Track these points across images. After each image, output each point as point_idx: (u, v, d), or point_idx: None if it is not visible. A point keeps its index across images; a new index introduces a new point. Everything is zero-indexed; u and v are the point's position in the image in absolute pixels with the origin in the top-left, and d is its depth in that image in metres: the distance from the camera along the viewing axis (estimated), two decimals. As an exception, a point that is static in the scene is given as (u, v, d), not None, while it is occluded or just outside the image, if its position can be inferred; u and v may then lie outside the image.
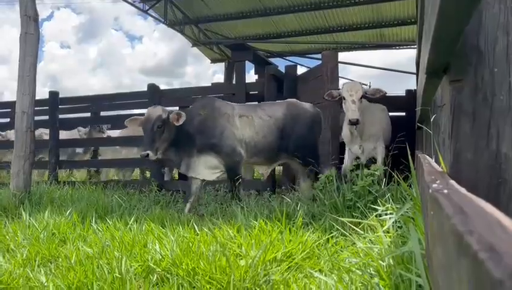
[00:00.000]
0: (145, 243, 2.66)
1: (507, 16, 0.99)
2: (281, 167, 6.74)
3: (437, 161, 1.47)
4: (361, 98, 4.29)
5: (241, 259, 2.22)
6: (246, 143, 4.54)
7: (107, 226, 3.24)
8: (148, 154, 4.01)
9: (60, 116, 7.20)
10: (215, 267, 2.10)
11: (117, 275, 2.10)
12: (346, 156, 4.93)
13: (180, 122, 4.17)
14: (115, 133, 7.87)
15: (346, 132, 4.75)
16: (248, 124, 4.59)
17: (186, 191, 5.73)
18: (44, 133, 7.49)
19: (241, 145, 4.50)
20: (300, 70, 6.95)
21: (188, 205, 4.45)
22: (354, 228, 2.41)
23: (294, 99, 5.09)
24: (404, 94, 7.20)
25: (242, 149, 4.50)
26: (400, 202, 2.75)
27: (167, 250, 2.40)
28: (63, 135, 7.62)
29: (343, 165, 4.91)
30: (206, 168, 4.46)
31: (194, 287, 2.06)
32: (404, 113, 6.91)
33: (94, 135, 7.71)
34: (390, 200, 2.75)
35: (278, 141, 4.65)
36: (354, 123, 4.24)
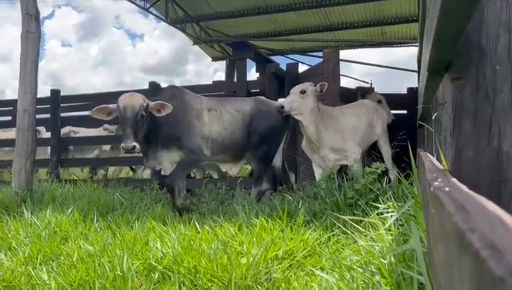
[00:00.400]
0: (146, 241, 2.67)
1: (509, 13, 0.99)
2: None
3: (438, 159, 1.47)
4: (302, 92, 4.21)
5: (243, 257, 2.23)
6: (213, 140, 4.35)
7: (109, 224, 3.25)
8: (134, 147, 3.70)
9: (61, 114, 7.22)
10: (217, 265, 2.11)
11: (119, 273, 2.11)
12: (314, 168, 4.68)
13: (163, 114, 3.91)
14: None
15: (303, 140, 4.52)
16: (217, 119, 4.39)
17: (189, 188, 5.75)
18: (72, 131, 7.50)
19: (206, 144, 4.31)
20: (302, 68, 6.95)
21: (180, 200, 4.38)
22: (356, 226, 2.41)
23: (262, 97, 4.97)
24: (405, 92, 7.20)
25: (207, 148, 4.32)
26: (402, 200, 2.75)
27: (168, 248, 2.40)
28: (91, 132, 7.61)
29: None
30: (168, 162, 4.24)
31: (196, 285, 2.06)
32: (405, 111, 6.92)
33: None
34: (392, 198, 2.75)
35: (244, 138, 4.49)
36: (278, 110, 4.19)
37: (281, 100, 6.15)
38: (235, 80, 8.02)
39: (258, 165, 4.60)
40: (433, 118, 1.80)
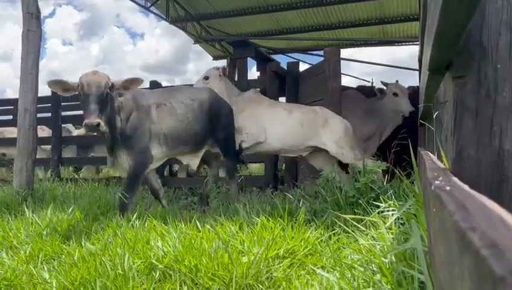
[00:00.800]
0: (147, 239, 2.67)
1: (510, 11, 0.99)
2: (283, 164, 6.74)
3: (439, 158, 1.47)
4: (205, 78, 4.91)
5: (244, 256, 2.23)
6: (166, 134, 4.02)
7: (110, 223, 3.25)
8: (99, 124, 3.27)
9: (62, 113, 7.24)
10: (218, 263, 2.11)
11: (120, 271, 2.11)
12: None
13: (131, 90, 3.59)
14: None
15: None
16: (168, 113, 4.07)
17: (186, 187, 5.75)
18: None
19: (159, 140, 3.98)
20: (303, 67, 6.93)
21: (164, 201, 4.33)
22: (356, 224, 2.41)
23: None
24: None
25: (160, 145, 3.99)
26: (403, 198, 2.75)
27: (169, 247, 2.41)
28: None
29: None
30: (121, 165, 3.89)
31: (197, 283, 2.07)
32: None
33: None
34: (393, 197, 2.75)
35: (205, 126, 4.29)
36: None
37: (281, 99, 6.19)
38: (236, 78, 8.02)
39: (230, 159, 4.59)
40: (434, 116, 1.80)
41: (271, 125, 4.73)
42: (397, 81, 6.02)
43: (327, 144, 4.72)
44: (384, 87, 5.95)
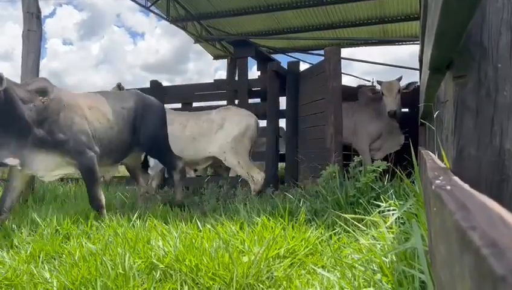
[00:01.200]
0: (148, 239, 2.67)
1: (511, 11, 0.99)
2: (284, 164, 6.74)
3: (440, 157, 1.47)
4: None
5: (244, 255, 2.23)
6: (100, 139, 3.79)
7: (110, 223, 3.25)
8: None
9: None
10: (218, 263, 2.11)
11: (120, 271, 2.11)
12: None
13: (47, 99, 3.25)
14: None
15: None
16: (101, 116, 3.87)
17: (189, 187, 5.76)
18: None
19: (94, 142, 3.76)
20: (303, 66, 6.93)
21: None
22: (357, 224, 2.41)
23: (139, 91, 4.68)
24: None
25: (96, 145, 3.76)
26: (403, 198, 2.75)
27: (170, 246, 2.41)
28: None
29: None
30: (45, 167, 3.56)
31: (197, 283, 2.07)
32: (407, 109, 6.91)
33: None
34: (393, 196, 2.75)
35: (131, 136, 4.14)
36: None
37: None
38: (236, 78, 8.02)
39: (167, 158, 4.57)
40: (434, 116, 1.80)
41: (173, 142, 4.83)
42: (401, 77, 5.93)
43: (213, 151, 5.06)
44: (379, 86, 5.93)
